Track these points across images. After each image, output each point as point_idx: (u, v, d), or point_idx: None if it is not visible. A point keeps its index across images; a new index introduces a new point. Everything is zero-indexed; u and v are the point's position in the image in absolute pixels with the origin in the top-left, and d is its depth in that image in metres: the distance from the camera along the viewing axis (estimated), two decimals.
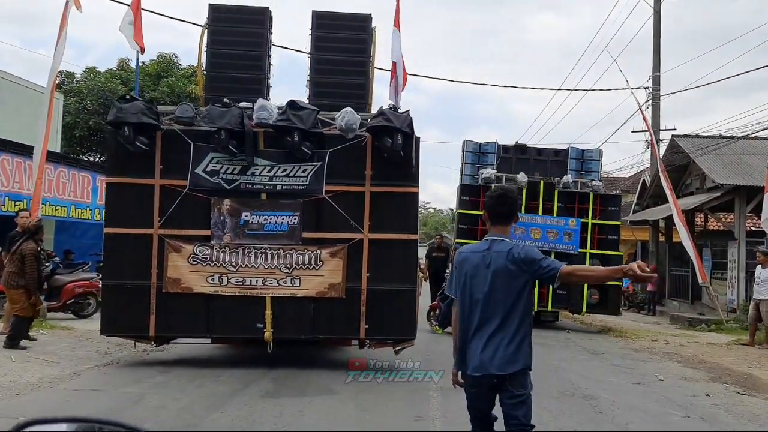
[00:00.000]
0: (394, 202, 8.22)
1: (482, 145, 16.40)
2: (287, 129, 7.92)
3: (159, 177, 8.06)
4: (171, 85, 19.81)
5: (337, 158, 8.18)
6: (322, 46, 9.28)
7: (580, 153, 16.26)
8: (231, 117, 7.89)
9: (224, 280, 7.98)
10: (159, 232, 8.02)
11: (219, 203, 8.09)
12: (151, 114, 7.92)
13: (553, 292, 14.91)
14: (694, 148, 19.00)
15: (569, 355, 11.04)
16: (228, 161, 8.10)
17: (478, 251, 3.79)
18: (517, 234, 14.93)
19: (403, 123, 7.93)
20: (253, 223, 8.11)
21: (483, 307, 3.67)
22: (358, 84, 9.26)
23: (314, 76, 9.26)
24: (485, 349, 3.63)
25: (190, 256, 7.97)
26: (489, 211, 3.90)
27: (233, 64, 9.12)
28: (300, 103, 8.17)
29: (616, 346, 12.61)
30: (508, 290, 3.67)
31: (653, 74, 22.97)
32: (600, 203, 15.24)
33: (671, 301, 21.55)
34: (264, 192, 8.19)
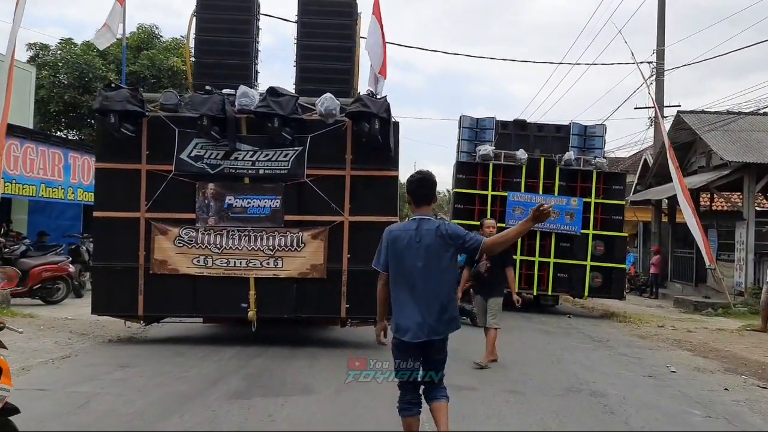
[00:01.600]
0: (373, 185, 8.40)
1: (480, 121, 15.55)
2: (267, 115, 8.11)
3: (145, 162, 8.35)
4: (152, 58, 18.80)
5: (318, 143, 8.41)
6: (307, 32, 9.40)
7: (582, 129, 15.41)
8: (212, 104, 8.12)
9: (209, 261, 8.29)
10: (146, 215, 8.32)
11: (203, 187, 8.35)
12: (136, 101, 8.13)
13: (554, 275, 14.18)
14: (700, 125, 18.17)
15: (572, 343, 10.29)
16: (212, 146, 8.35)
17: (409, 229, 4.13)
18: (517, 214, 14.15)
19: (380, 108, 8.09)
20: (236, 206, 8.38)
21: (417, 279, 4.04)
22: (343, 69, 9.38)
23: (300, 62, 9.40)
24: (420, 317, 4.02)
25: (176, 238, 8.30)
26: (411, 194, 4.24)
27: (221, 50, 9.26)
28: (280, 90, 8.32)
29: (621, 333, 11.87)
30: (438, 263, 4.06)
31: (657, 48, 22.02)
32: (603, 182, 14.43)
33: (674, 283, 20.84)
34: (247, 176, 8.41)
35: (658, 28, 21.98)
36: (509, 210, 14.25)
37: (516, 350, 9.29)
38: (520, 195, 14.30)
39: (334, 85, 8.93)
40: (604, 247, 14.25)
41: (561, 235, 14.25)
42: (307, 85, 9.11)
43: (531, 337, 10.67)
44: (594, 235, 14.21)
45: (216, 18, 9.33)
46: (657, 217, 21.84)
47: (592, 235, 14.20)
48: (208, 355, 7.84)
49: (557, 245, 14.23)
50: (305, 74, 9.33)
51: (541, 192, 14.34)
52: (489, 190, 14.34)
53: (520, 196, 14.30)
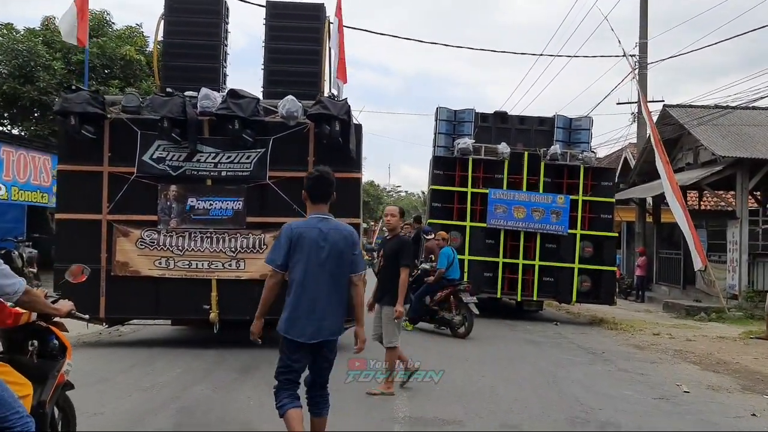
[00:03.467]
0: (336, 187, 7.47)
1: (458, 113, 14.41)
2: (228, 117, 8.13)
3: (107, 164, 8.35)
4: (102, 46, 17.27)
5: (281, 145, 8.43)
6: (275, 36, 9.41)
7: (567, 122, 14.37)
8: (173, 106, 8.15)
9: (171, 263, 8.32)
10: (108, 217, 8.33)
11: (165, 189, 8.37)
12: (96, 103, 8.14)
13: (539, 279, 13.06)
14: (688, 119, 17.25)
15: (564, 356, 9.15)
16: (174, 149, 8.36)
17: (313, 227, 4.08)
18: (499, 212, 13.03)
19: (340, 111, 8.15)
20: (198, 208, 8.41)
21: (320, 280, 3.99)
22: (310, 72, 9.37)
23: (268, 65, 9.41)
24: (319, 318, 3.98)
25: (138, 240, 8.31)
26: (308, 192, 4.21)
27: (189, 53, 9.27)
28: (240, 92, 8.39)
29: (615, 343, 10.78)
30: (339, 264, 4.05)
31: (640, 41, 21.18)
32: (592, 178, 13.38)
33: (660, 286, 19.94)
34: (209, 178, 8.44)
35: (640, 20, 21.14)
36: (490, 209, 13.12)
37: (504, 367, 8.10)
38: (502, 192, 13.18)
39: (301, 88, 8.95)
40: (592, 249, 13.20)
41: (546, 235, 13.16)
42: (274, 88, 9.10)
43: (518, 350, 9.51)
44: (582, 235, 13.15)
45: (184, 21, 9.35)
46: (641, 216, 20.94)
47: (580, 236, 13.14)
48: (141, 379, 6.52)
49: (542, 246, 13.14)
50: (273, 77, 9.32)
51: (525, 189, 13.25)
52: (469, 187, 13.20)
53: (503, 193, 13.18)
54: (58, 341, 3.53)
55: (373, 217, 58.30)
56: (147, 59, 18.39)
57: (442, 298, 10.53)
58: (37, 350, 3.40)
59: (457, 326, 10.37)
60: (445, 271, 10.48)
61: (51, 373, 3.43)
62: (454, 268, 10.65)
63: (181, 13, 9.36)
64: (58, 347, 3.53)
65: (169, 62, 9.39)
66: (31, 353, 3.38)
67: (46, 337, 3.48)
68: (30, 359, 3.36)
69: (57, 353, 3.52)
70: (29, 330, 3.41)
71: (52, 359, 3.49)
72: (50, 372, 3.43)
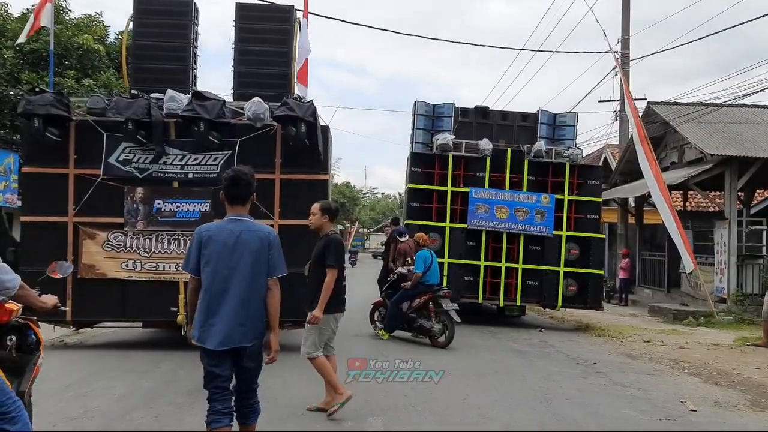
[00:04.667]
0: (303, 189, 8.33)
1: (436, 107, 13.62)
2: (193, 119, 8.12)
3: (73, 166, 8.33)
4: (57, 35, 16.18)
5: (248, 147, 8.40)
6: (245, 37, 9.36)
7: (551, 118, 13.66)
8: (137, 107, 8.17)
9: (138, 265, 8.34)
10: (74, 219, 8.30)
11: (132, 191, 8.40)
12: (60, 105, 8.07)
13: (523, 283, 12.32)
14: (673, 116, 16.70)
15: (554, 368, 8.38)
16: (140, 151, 8.37)
17: (225, 229, 3.94)
18: (480, 213, 12.25)
19: (306, 112, 8.13)
20: (165, 210, 8.42)
21: (232, 284, 3.85)
22: (281, 74, 9.34)
23: (238, 67, 9.35)
24: (230, 323, 3.82)
25: (105, 242, 8.32)
26: (225, 192, 4.05)
27: (159, 55, 9.22)
28: (206, 94, 8.39)
29: (605, 352, 10.06)
30: (254, 268, 3.92)
31: (622, 37, 20.62)
32: (578, 176, 12.68)
33: (643, 288, 19.39)
34: (176, 180, 8.45)
35: (622, 16, 20.58)
36: (471, 208, 12.34)
37: (490, 383, 7.30)
38: (484, 191, 12.41)
39: (271, 90, 8.92)
40: (579, 251, 12.49)
41: (530, 236, 12.43)
42: (245, 90, 9.07)
43: (504, 362, 8.72)
44: (568, 236, 12.44)
45: (153, 23, 9.27)
46: (624, 217, 20.37)
47: (566, 237, 12.43)
48: (71, 404, 5.57)
49: (526, 249, 12.40)
50: (243, 79, 9.27)
51: (508, 187, 12.51)
52: (449, 185, 12.41)
53: (485, 192, 12.41)
54: (35, 336, 3.72)
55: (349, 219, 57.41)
56: (107, 49, 17.35)
57: (420, 304, 9.72)
58: (15, 344, 3.57)
59: (437, 335, 9.56)
60: (422, 276, 9.66)
61: (28, 366, 3.63)
62: (432, 273, 9.84)
63: (150, 14, 9.32)
64: (35, 342, 3.72)
65: (138, 64, 9.32)
66: (10, 348, 3.54)
67: (25, 332, 3.67)
68: (9, 353, 3.52)
69: (34, 347, 3.71)
70: (7, 326, 3.54)
71: (29, 353, 3.67)
72: (27, 365, 3.63)
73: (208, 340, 3.81)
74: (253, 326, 3.90)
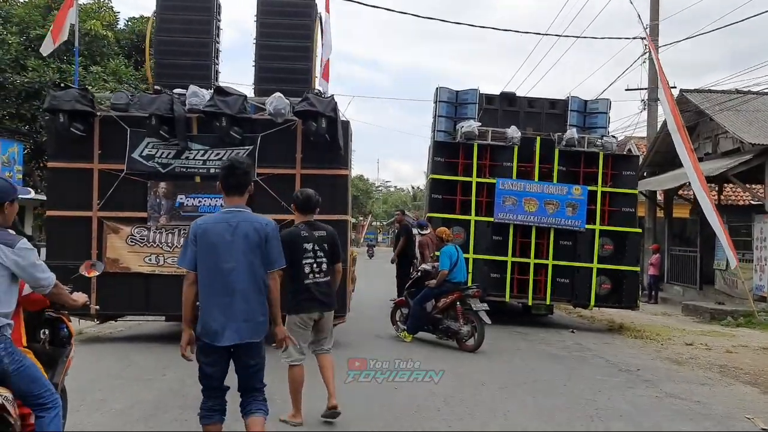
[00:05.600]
0: (324, 184, 8.06)
1: (460, 94, 12.85)
2: (215, 114, 8.14)
3: (98, 161, 8.41)
4: None
5: (269, 142, 8.43)
6: (266, 32, 9.37)
7: (582, 104, 12.85)
8: (160, 103, 8.20)
9: (161, 259, 8.38)
10: (98, 214, 8.38)
11: (155, 186, 8.45)
12: (85, 101, 8.15)
13: (552, 281, 11.54)
14: (709, 104, 15.81)
15: (596, 376, 7.65)
16: (163, 146, 8.41)
17: (221, 221, 3.83)
18: (507, 205, 11.50)
19: (326, 107, 8.10)
20: (187, 205, 8.44)
21: (232, 278, 3.73)
22: (302, 69, 9.33)
23: (259, 62, 9.37)
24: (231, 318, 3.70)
25: (128, 237, 8.39)
26: (221, 183, 3.95)
27: (181, 51, 9.28)
28: (227, 89, 8.40)
29: (647, 356, 9.30)
30: (252, 260, 3.77)
31: (651, 23, 19.63)
32: (612, 166, 11.87)
33: (672, 285, 18.52)
34: (198, 175, 8.47)
35: (651, 0, 19.63)
36: (498, 200, 11.57)
37: (531, 396, 6.56)
38: (511, 182, 11.63)
39: (292, 84, 8.92)
40: (613, 246, 11.69)
41: (561, 231, 11.64)
42: (266, 85, 9.09)
43: (540, 369, 7.97)
44: (601, 231, 11.64)
45: (176, 18, 9.32)
46: (651, 211, 19.49)
47: (599, 231, 11.63)
48: None
49: (556, 243, 11.61)
50: (264, 74, 9.29)
51: (537, 178, 11.72)
52: (473, 176, 11.64)
53: (512, 183, 11.63)
54: (67, 330, 3.86)
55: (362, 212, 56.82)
56: (116, 36, 16.73)
57: (446, 304, 8.99)
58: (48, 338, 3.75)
59: (465, 338, 8.84)
60: (448, 273, 8.94)
61: (61, 359, 3.77)
62: (459, 269, 9.12)
63: (173, 10, 9.35)
64: (67, 335, 3.85)
65: (161, 59, 9.38)
66: (43, 341, 3.72)
67: (57, 326, 3.83)
68: (42, 346, 3.70)
69: (66, 341, 3.85)
70: (41, 320, 3.75)
71: (62, 346, 3.82)
72: (60, 358, 3.77)
73: (213, 337, 3.70)
74: (256, 321, 3.78)
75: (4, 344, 3.21)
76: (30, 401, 3.30)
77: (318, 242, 5.10)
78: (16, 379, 3.22)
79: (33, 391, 3.29)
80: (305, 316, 5.10)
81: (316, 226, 5.22)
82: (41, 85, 14.80)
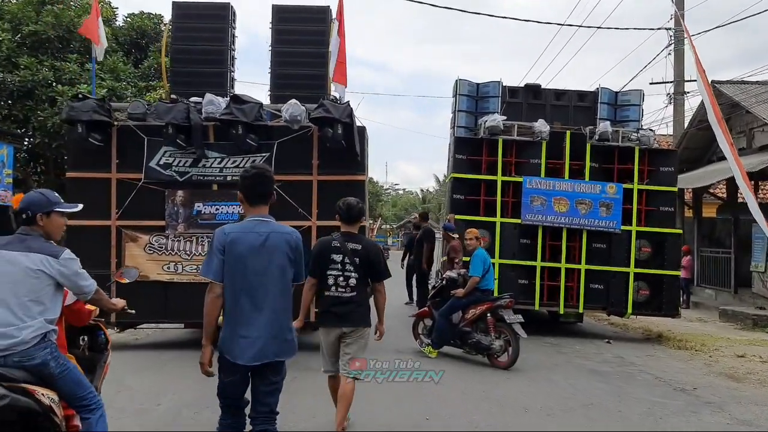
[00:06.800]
0: (340, 189, 8.10)
1: (481, 86, 11.98)
2: (231, 122, 8.14)
3: (115, 171, 8.46)
4: (58, 15, 14.67)
5: (285, 149, 8.44)
6: (282, 39, 9.37)
7: (613, 96, 11.96)
8: (177, 112, 8.20)
9: (179, 267, 8.39)
10: (117, 223, 8.42)
11: (173, 195, 8.48)
12: (103, 111, 8.24)
13: (585, 287, 10.61)
14: (743, 97, 14.83)
15: (650, 397, 6.71)
16: (180, 154, 8.43)
17: (252, 231, 3.64)
18: (536, 206, 10.58)
19: (342, 114, 8.10)
20: (205, 213, 8.47)
21: (261, 292, 3.57)
22: (317, 75, 9.33)
23: (275, 69, 9.37)
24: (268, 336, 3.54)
25: (147, 245, 8.42)
26: (246, 192, 3.76)
27: (197, 59, 9.30)
28: (243, 97, 8.38)
29: (698, 371, 8.35)
30: (283, 273, 3.65)
31: (676, 12, 18.70)
32: (648, 162, 10.93)
33: (703, 289, 17.50)
34: (215, 183, 8.49)
35: None
36: (525, 200, 10.64)
37: (581, 419, 5.64)
38: (539, 181, 10.71)
39: (308, 90, 8.94)
40: (651, 249, 10.75)
41: (594, 233, 10.71)
42: (282, 92, 9.08)
43: (586, 389, 7.02)
44: (638, 232, 10.71)
45: (192, 27, 9.35)
46: (680, 210, 18.44)
47: (636, 233, 10.70)
48: None
49: (589, 246, 10.68)
50: (280, 81, 9.29)
51: (567, 176, 10.79)
52: (498, 174, 10.73)
53: (540, 182, 10.71)
54: (104, 336, 4.13)
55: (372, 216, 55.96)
56: (113, 32, 15.92)
57: (476, 316, 8.09)
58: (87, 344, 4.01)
59: (497, 353, 7.92)
60: (480, 280, 8.04)
61: (99, 364, 4.03)
62: (490, 277, 8.23)
63: (189, 19, 9.39)
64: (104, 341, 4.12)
65: (177, 68, 9.42)
66: (82, 347, 3.98)
67: (95, 333, 4.11)
68: (82, 352, 3.94)
69: (103, 347, 4.11)
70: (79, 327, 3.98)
71: (100, 352, 4.09)
72: (98, 363, 4.03)
73: (239, 354, 3.50)
74: (284, 339, 3.61)
75: (50, 349, 3.35)
76: (74, 403, 3.43)
77: (350, 255, 4.82)
78: (61, 381, 3.36)
79: (77, 393, 3.43)
80: (324, 331, 4.95)
81: (353, 238, 4.94)
82: (34, 84, 13.97)
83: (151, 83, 15.86)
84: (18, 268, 3.34)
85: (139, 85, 15.67)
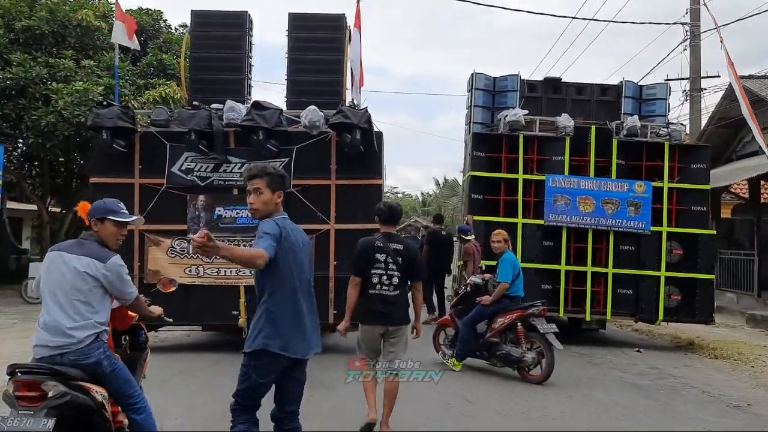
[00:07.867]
0: (358, 193, 8.51)
1: (498, 80, 11.34)
2: (252, 128, 8.34)
3: (138, 176, 8.67)
4: (52, 10, 13.96)
5: (304, 154, 8.61)
6: (298, 47, 9.48)
7: (637, 90, 11.32)
8: (199, 119, 8.44)
9: (200, 270, 8.55)
10: (140, 227, 8.36)
11: (194, 199, 8.63)
12: (126, 118, 8.47)
13: (613, 293, 9.96)
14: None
15: (704, 416, 6.07)
16: (201, 160, 8.63)
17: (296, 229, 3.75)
18: (559, 205, 9.95)
19: (360, 119, 8.28)
20: (226, 217, 8.64)
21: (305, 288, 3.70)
22: (333, 82, 9.46)
23: (291, 76, 9.49)
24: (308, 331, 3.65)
25: (169, 249, 8.60)
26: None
27: (215, 66, 9.46)
28: (264, 104, 8.57)
29: (745, 383, 7.72)
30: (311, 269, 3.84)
31: (691, 6, 18.13)
32: (679, 158, 10.30)
33: (724, 292, 16.83)
34: (236, 188, 8.62)
35: None
36: (548, 200, 10.00)
37: None
38: (563, 179, 10.06)
39: (324, 97, 9.06)
40: (682, 251, 10.10)
41: (622, 234, 10.06)
42: (298, 98, 9.21)
43: (630, 406, 6.38)
44: (669, 233, 10.06)
45: (210, 35, 9.53)
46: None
47: (667, 234, 10.05)
48: None
49: (617, 249, 10.04)
50: (296, 87, 9.41)
51: (593, 174, 10.15)
52: (519, 172, 10.08)
53: (564, 180, 10.06)
54: (144, 336, 4.32)
55: None
56: (110, 27, 15.25)
57: (504, 326, 7.43)
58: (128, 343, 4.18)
59: (530, 366, 7.27)
60: (509, 287, 7.39)
61: (139, 362, 4.20)
62: (519, 283, 7.58)
63: (207, 27, 9.57)
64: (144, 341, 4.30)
65: (196, 75, 9.61)
66: (124, 347, 4.14)
67: (137, 332, 4.30)
68: (124, 351, 4.09)
69: (143, 345, 4.29)
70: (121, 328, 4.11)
71: (140, 350, 4.26)
72: (138, 361, 4.19)
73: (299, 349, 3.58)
74: (317, 335, 3.76)
75: (103, 348, 3.56)
76: (122, 400, 3.61)
77: (393, 255, 5.00)
78: (112, 379, 3.55)
79: (126, 391, 3.61)
80: (368, 328, 5.10)
81: (394, 238, 5.17)
82: (27, 82, 13.30)
83: (150, 81, 15.18)
84: (68, 268, 3.54)
85: (138, 83, 15.01)
